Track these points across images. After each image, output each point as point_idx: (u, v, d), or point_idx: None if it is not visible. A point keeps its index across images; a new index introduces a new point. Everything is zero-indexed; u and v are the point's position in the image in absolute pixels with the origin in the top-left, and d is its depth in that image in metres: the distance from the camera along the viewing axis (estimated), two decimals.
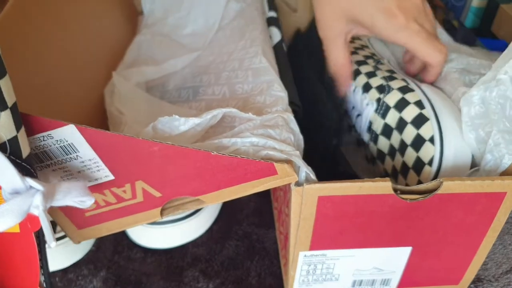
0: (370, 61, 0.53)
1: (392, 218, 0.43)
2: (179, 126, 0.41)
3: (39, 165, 0.38)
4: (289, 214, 0.43)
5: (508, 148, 0.41)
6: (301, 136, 0.44)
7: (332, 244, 0.45)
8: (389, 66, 0.52)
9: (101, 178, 0.40)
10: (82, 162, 0.39)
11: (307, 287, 0.50)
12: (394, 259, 0.47)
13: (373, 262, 0.48)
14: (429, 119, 0.43)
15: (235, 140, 0.40)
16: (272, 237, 0.58)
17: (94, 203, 0.42)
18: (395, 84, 0.47)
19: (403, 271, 0.49)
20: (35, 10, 0.45)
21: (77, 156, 0.38)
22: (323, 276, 0.49)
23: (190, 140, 0.42)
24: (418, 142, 0.44)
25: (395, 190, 0.40)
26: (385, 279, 0.50)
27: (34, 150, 0.37)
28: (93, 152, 0.38)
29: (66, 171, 0.39)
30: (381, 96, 0.48)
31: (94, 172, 0.40)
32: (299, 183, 0.40)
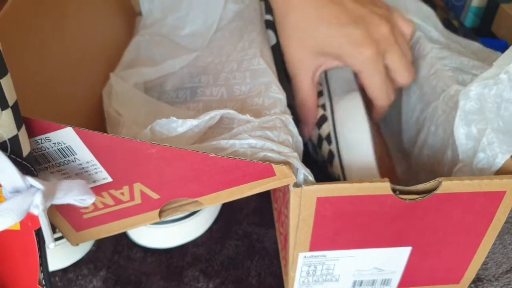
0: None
1: (391, 218, 0.43)
2: (177, 128, 0.41)
3: (37, 168, 0.38)
4: (288, 215, 0.43)
5: (502, 147, 0.41)
6: (300, 138, 0.43)
7: (332, 245, 0.45)
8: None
9: (99, 181, 0.40)
10: (80, 165, 0.39)
11: None
12: (394, 259, 0.47)
13: (373, 262, 0.48)
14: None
15: (233, 142, 0.40)
16: (272, 237, 0.58)
17: (92, 205, 0.42)
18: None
19: (403, 271, 0.49)
20: (33, 11, 0.45)
21: (75, 159, 0.38)
22: (323, 277, 0.49)
23: (188, 142, 0.42)
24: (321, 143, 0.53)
25: (394, 191, 0.40)
26: (386, 279, 0.50)
27: (32, 153, 0.37)
28: (91, 155, 0.38)
29: (64, 174, 0.39)
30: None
31: (92, 175, 0.40)
32: (298, 184, 0.40)
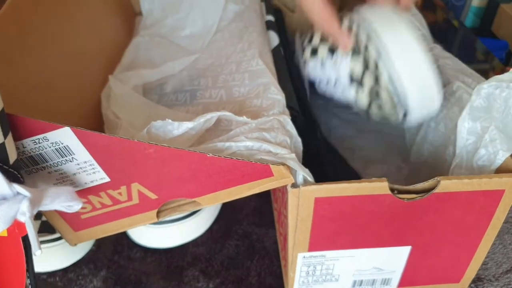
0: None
1: (390, 218, 0.43)
2: (173, 131, 0.41)
3: (35, 168, 0.39)
4: (287, 216, 0.42)
5: (503, 145, 0.41)
6: (299, 139, 0.43)
7: (331, 245, 0.45)
8: None
9: (97, 180, 0.40)
10: (78, 165, 0.39)
11: None
12: (394, 259, 0.47)
13: (373, 262, 0.48)
14: None
15: (230, 144, 0.40)
16: (272, 237, 0.58)
17: (90, 205, 0.42)
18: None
19: (403, 271, 0.49)
20: (32, 11, 0.45)
21: (73, 159, 0.38)
22: (323, 277, 0.49)
23: (186, 144, 0.42)
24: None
25: (392, 190, 0.40)
26: (386, 279, 0.50)
27: (30, 153, 0.37)
28: (89, 155, 0.38)
29: (62, 174, 0.39)
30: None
31: (90, 175, 0.40)
32: (296, 185, 0.40)
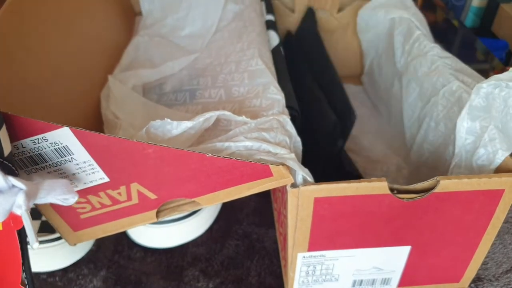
0: None
1: (390, 218, 0.43)
2: (172, 130, 0.41)
3: (34, 168, 0.39)
4: (287, 216, 0.42)
5: (502, 145, 0.41)
6: (299, 139, 0.43)
7: (331, 245, 0.45)
8: None
9: (96, 180, 0.40)
10: (77, 165, 0.39)
11: None
12: (394, 259, 0.47)
13: (373, 262, 0.48)
14: None
15: (229, 144, 0.40)
16: (272, 237, 0.58)
17: (90, 205, 0.42)
18: None
19: (403, 270, 0.49)
20: (32, 11, 0.45)
21: (72, 159, 0.38)
22: (323, 277, 0.49)
23: (185, 144, 0.42)
24: None
25: (392, 190, 0.40)
26: (385, 279, 0.50)
27: (29, 153, 0.37)
28: (88, 155, 0.38)
29: (61, 174, 0.39)
30: None
31: (89, 175, 0.40)
32: (295, 185, 0.40)
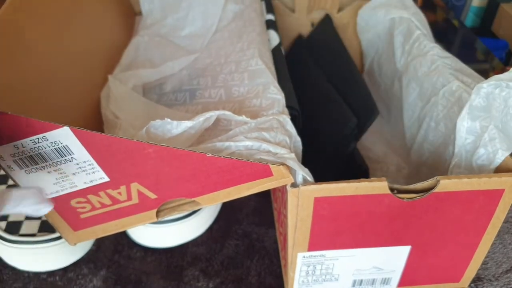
0: None
1: (390, 218, 0.43)
2: (172, 130, 0.41)
3: (34, 167, 0.39)
4: (287, 215, 0.42)
5: (502, 144, 0.41)
6: (299, 138, 0.43)
7: (331, 245, 0.45)
8: None
9: (96, 180, 0.40)
10: (77, 164, 0.39)
11: None
12: (394, 258, 0.47)
13: (373, 262, 0.48)
14: None
15: (229, 144, 0.40)
16: (272, 236, 0.58)
17: (90, 205, 0.42)
18: None
19: (403, 270, 0.49)
20: (31, 12, 0.45)
21: (72, 158, 0.38)
22: (323, 277, 0.49)
23: (185, 144, 0.42)
24: None
25: (392, 190, 0.40)
26: (385, 278, 0.50)
27: (29, 152, 0.38)
28: (88, 154, 0.38)
29: (61, 173, 0.39)
30: None
31: (89, 174, 0.40)
32: (295, 185, 0.40)
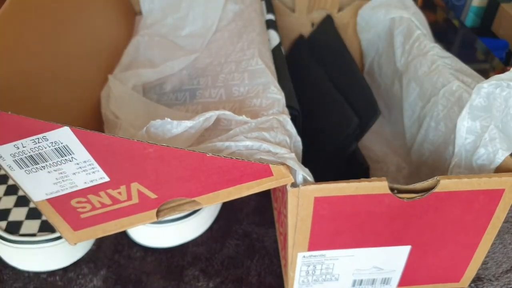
0: None
1: (390, 218, 0.43)
2: (172, 130, 0.41)
3: (34, 167, 0.39)
4: (287, 215, 0.42)
5: (503, 144, 0.41)
6: (299, 138, 0.43)
7: (331, 245, 0.45)
8: None
9: (96, 180, 0.40)
10: (77, 164, 0.39)
11: None
12: (394, 258, 0.47)
13: (373, 262, 0.48)
14: None
15: (229, 144, 0.40)
16: (272, 236, 0.58)
17: (90, 205, 0.42)
18: None
19: (403, 270, 0.49)
20: (32, 11, 0.45)
21: (72, 158, 0.38)
22: (323, 277, 0.49)
23: (185, 143, 0.42)
24: None
25: (392, 190, 0.40)
26: (385, 278, 0.50)
27: (29, 152, 0.37)
28: (88, 154, 0.38)
29: (61, 173, 0.39)
30: None
31: (89, 174, 0.40)
32: (295, 184, 0.40)
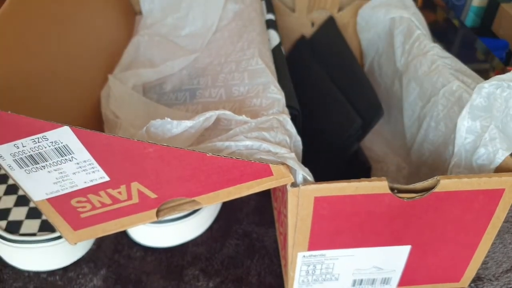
0: None
1: (390, 217, 0.43)
2: (172, 129, 0.41)
3: (34, 167, 0.39)
4: (287, 215, 0.42)
5: (503, 144, 0.41)
6: (299, 138, 0.43)
7: (331, 244, 0.45)
8: None
9: (96, 180, 0.40)
10: (77, 164, 0.39)
11: None
12: (394, 258, 0.47)
13: (373, 261, 0.48)
14: None
15: (229, 144, 0.40)
16: (272, 236, 0.58)
17: (90, 204, 0.42)
18: None
19: (403, 270, 0.49)
20: (32, 11, 0.45)
21: (72, 158, 0.38)
22: (323, 276, 0.49)
23: (185, 143, 0.42)
24: None
25: (392, 189, 0.40)
26: (385, 278, 0.50)
27: (29, 152, 0.37)
28: (88, 154, 0.38)
29: (61, 173, 0.39)
30: None
31: (89, 174, 0.40)
32: (295, 184, 0.40)
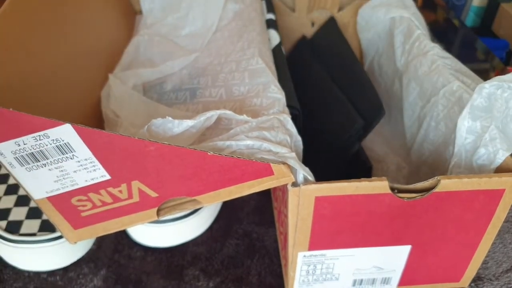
0: None
1: (390, 217, 0.43)
2: (173, 129, 0.41)
3: (35, 165, 0.39)
4: (287, 215, 0.42)
5: (503, 144, 0.41)
6: (299, 138, 0.43)
7: (331, 244, 0.45)
8: None
9: (97, 178, 0.40)
10: (78, 162, 0.39)
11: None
12: (394, 258, 0.47)
13: (373, 261, 0.48)
14: None
15: (230, 143, 0.40)
16: (273, 236, 0.58)
17: (90, 203, 0.42)
18: None
19: (403, 270, 0.49)
20: (32, 10, 0.45)
21: (73, 156, 0.38)
22: (323, 276, 0.49)
23: (186, 142, 0.42)
24: None
25: (392, 189, 0.40)
26: (386, 278, 0.50)
27: (30, 149, 0.37)
28: (89, 152, 0.38)
29: (62, 171, 0.39)
30: None
31: (90, 172, 0.40)
32: (296, 184, 0.40)
